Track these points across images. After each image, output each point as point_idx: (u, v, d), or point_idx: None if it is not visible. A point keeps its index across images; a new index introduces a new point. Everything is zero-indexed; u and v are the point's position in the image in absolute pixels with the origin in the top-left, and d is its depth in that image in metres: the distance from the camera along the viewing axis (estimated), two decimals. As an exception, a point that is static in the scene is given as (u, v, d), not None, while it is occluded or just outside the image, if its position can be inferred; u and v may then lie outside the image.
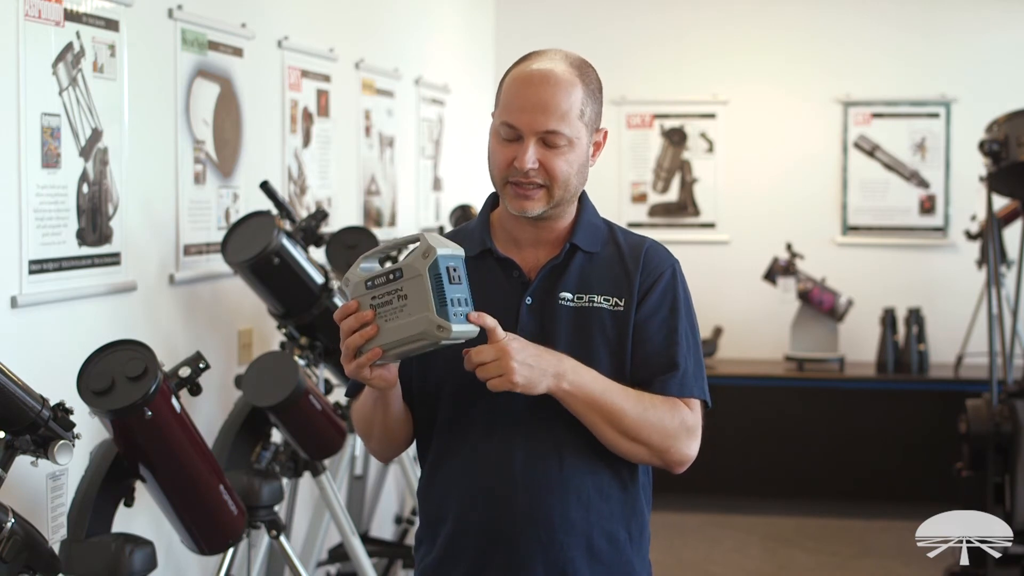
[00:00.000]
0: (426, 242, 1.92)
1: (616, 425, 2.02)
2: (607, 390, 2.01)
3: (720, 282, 7.17)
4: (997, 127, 5.14)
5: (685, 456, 2.08)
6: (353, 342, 1.94)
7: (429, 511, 2.15)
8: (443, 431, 2.11)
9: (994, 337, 5.21)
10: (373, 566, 3.88)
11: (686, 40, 7.47)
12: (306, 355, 3.57)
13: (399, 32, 5.68)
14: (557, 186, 2.05)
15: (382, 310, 1.93)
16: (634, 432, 2.03)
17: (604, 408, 2.01)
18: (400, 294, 1.91)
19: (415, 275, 1.90)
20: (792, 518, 6.47)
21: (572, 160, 2.05)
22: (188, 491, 2.72)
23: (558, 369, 1.98)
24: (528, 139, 2.02)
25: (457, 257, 1.94)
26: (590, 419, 2.02)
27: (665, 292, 2.12)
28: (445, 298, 1.89)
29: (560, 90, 2.03)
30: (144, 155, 3.32)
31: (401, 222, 5.53)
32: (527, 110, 2.02)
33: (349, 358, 1.96)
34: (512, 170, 2.04)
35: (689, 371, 2.09)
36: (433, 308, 1.89)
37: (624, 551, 2.11)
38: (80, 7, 2.98)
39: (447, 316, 1.89)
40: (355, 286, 1.96)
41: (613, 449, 2.05)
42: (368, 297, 1.94)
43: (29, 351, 2.79)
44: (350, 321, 1.94)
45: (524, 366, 1.94)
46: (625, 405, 2.02)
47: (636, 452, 2.05)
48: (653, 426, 2.03)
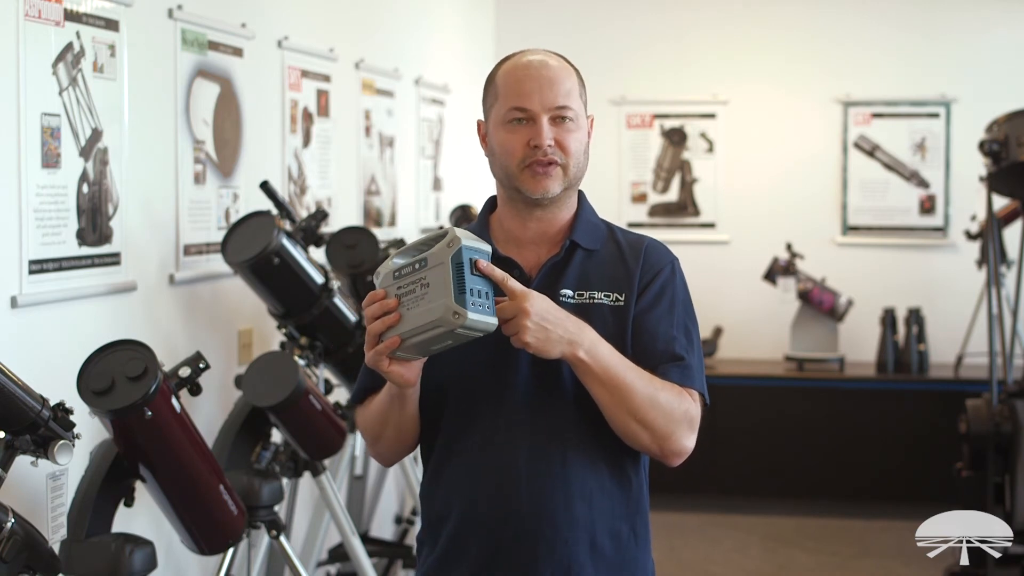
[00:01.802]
0: (452, 233, 1.93)
1: (626, 403, 2.01)
2: (621, 366, 2.01)
3: (720, 282, 7.17)
4: (997, 127, 5.14)
5: (684, 447, 2.07)
6: (375, 328, 1.95)
7: (432, 510, 2.15)
8: (447, 430, 2.12)
9: (994, 337, 5.21)
10: (373, 566, 3.88)
11: (686, 40, 7.47)
12: (306, 355, 3.57)
13: (399, 32, 5.68)
14: (572, 162, 2.09)
15: (406, 299, 1.94)
16: (642, 413, 2.01)
17: (616, 383, 2.00)
18: (423, 283, 1.93)
19: (438, 263, 1.92)
20: (792, 518, 6.47)
21: (580, 138, 2.11)
22: (188, 491, 2.72)
23: (576, 337, 1.98)
24: (540, 118, 2.07)
25: (483, 251, 1.95)
26: (600, 393, 2.01)
27: (664, 287, 2.13)
28: (465, 287, 1.90)
29: (560, 71, 2.11)
30: (144, 155, 3.32)
31: (401, 222, 5.53)
32: (535, 91, 2.08)
33: (371, 345, 1.97)
34: (528, 152, 2.07)
35: (691, 365, 2.10)
36: (452, 295, 1.89)
37: (628, 548, 2.11)
38: (80, 7, 2.98)
39: (464, 304, 1.89)
40: (384, 277, 1.98)
41: (617, 429, 2.04)
42: (394, 287, 1.96)
43: (29, 351, 2.79)
44: (374, 308, 1.96)
45: (539, 327, 1.94)
46: (637, 384, 2.01)
47: (639, 435, 2.03)
48: (660, 408, 2.03)
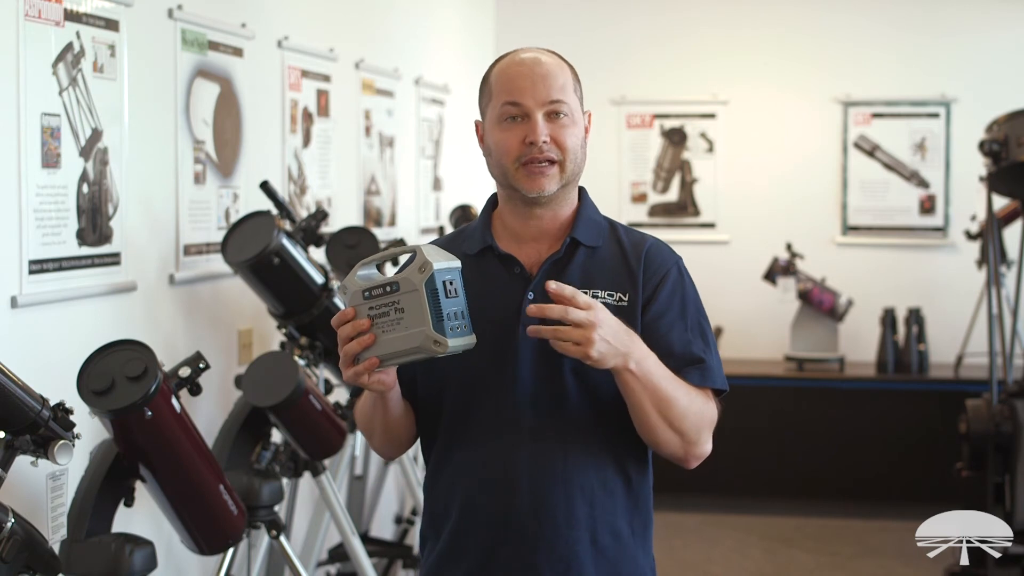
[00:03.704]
0: (423, 256, 1.93)
1: (664, 412, 2.02)
2: (665, 377, 2.02)
3: (720, 282, 7.16)
4: (997, 127, 5.14)
5: (706, 451, 2.10)
6: (351, 349, 1.96)
7: (434, 505, 2.15)
8: (448, 427, 2.12)
9: (994, 337, 5.21)
10: (373, 566, 3.89)
11: (686, 40, 7.47)
12: (306, 355, 3.57)
13: (399, 32, 5.68)
14: (568, 159, 2.08)
15: (379, 321, 1.95)
16: (678, 422, 2.03)
17: (659, 394, 2.01)
18: (397, 307, 1.94)
19: (412, 289, 1.93)
20: (792, 518, 6.47)
21: (576, 134, 2.10)
22: (188, 491, 2.72)
23: (629, 349, 1.97)
24: (535, 114, 2.06)
25: (454, 270, 1.96)
26: (640, 402, 2.01)
27: (673, 290, 2.13)
28: (442, 313, 1.92)
29: (554, 67, 2.10)
30: (144, 155, 3.32)
31: (401, 222, 5.53)
32: (529, 87, 2.07)
33: (347, 364, 1.98)
34: (524, 149, 2.06)
35: (711, 363, 2.11)
36: (430, 323, 1.91)
37: (628, 545, 2.11)
38: (80, 7, 2.98)
39: (443, 331, 1.91)
40: (352, 295, 1.98)
41: (647, 434, 2.05)
42: (365, 307, 1.97)
43: (29, 351, 2.78)
44: (347, 328, 1.97)
45: (604, 341, 1.93)
46: (677, 394, 2.03)
47: (670, 442, 2.05)
48: (695, 416, 2.05)
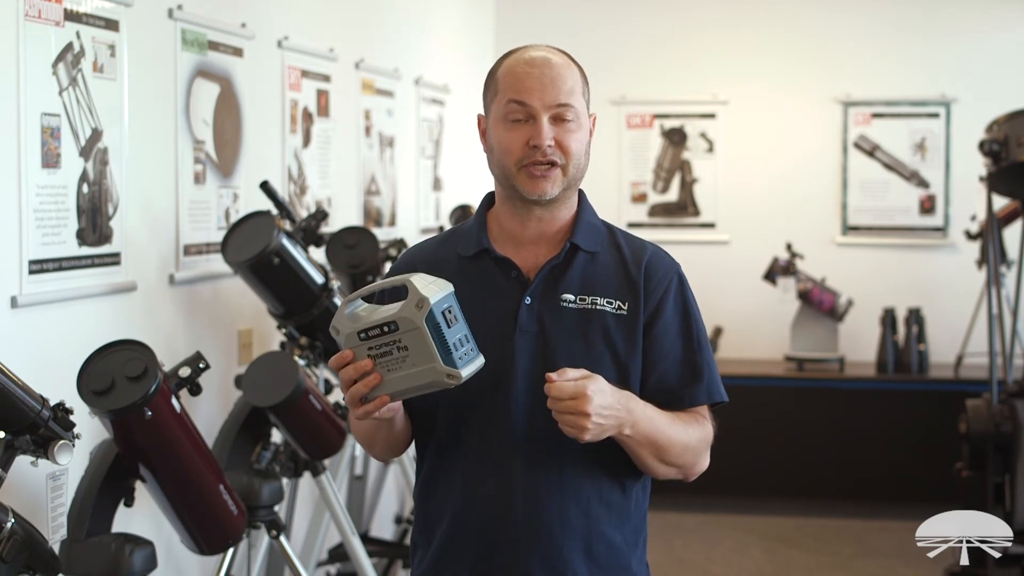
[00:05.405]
0: (416, 291, 1.87)
1: (662, 456, 2.05)
2: (659, 428, 2.03)
3: (720, 282, 7.17)
4: (997, 127, 5.13)
5: (703, 468, 2.14)
6: (358, 391, 1.92)
7: (427, 512, 2.14)
8: (442, 434, 2.10)
9: (994, 337, 5.21)
10: (373, 566, 3.88)
11: (686, 40, 7.47)
12: (306, 355, 3.57)
13: (399, 32, 5.68)
14: (571, 163, 2.05)
15: (382, 360, 1.90)
16: (673, 459, 2.07)
17: (657, 444, 2.03)
18: (399, 345, 1.88)
19: (412, 328, 1.87)
20: (792, 518, 6.47)
21: (581, 139, 2.06)
22: (188, 491, 2.72)
23: (623, 419, 1.98)
24: (540, 116, 2.03)
25: (449, 296, 1.91)
26: (637, 453, 2.04)
27: (676, 302, 2.12)
28: (448, 344, 1.88)
29: (563, 68, 2.06)
30: (144, 155, 3.32)
31: (401, 222, 5.53)
32: (537, 88, 2.03)
33: (355, 404, 1.94)
34: (527, 152, 2.03)
35: (713, 377, 2.14)
36: (439, 359, 1.87)
37: (623, 556, 2.10)
38: (80, 7, 2.98)
39: (454, 363, 1.88)
40: (347, 337, 1.92)
41: (646, 472, 2.09)
42: (364, 347, 1.91)
43: (29, 351, 2.78)
44: (349, 371, 1.92)
45: (597, 425, 1.93)
46: (675, 437, 2.05)
47: (667, 473, 2.08)
48: (690, 449, 2.08)
